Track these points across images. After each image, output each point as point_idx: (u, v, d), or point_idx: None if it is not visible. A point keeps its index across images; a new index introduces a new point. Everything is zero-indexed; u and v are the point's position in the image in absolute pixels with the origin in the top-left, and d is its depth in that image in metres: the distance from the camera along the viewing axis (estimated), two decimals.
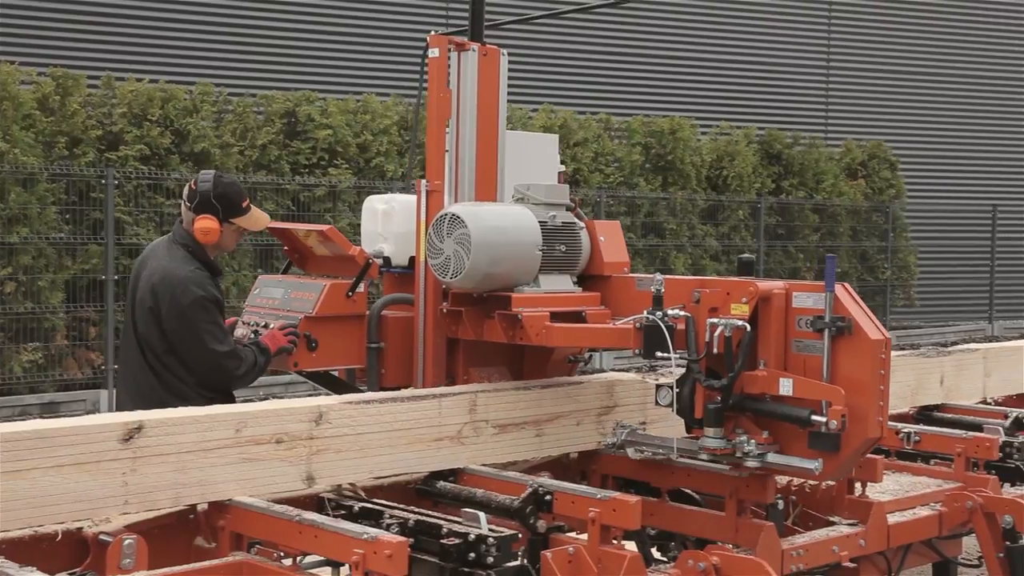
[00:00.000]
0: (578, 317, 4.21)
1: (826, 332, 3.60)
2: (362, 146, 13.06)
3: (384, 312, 4.59)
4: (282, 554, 3.26)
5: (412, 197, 4.58)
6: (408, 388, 4.23)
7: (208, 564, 3.20)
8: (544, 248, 4.12)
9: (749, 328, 3.64)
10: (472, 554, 3.10)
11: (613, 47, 17.38)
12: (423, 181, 4.43)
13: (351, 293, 4.53)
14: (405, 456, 3.76)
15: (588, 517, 3.44)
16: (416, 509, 3.45)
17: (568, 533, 3.57)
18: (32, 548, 3.05)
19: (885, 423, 3.61)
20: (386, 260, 4.82)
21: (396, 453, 3.73)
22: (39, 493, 2.98)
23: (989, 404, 5.91)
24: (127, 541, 3.04)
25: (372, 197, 5.08)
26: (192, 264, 4.44)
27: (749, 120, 17.78)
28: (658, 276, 3.84)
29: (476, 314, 4.25)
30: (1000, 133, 21.21)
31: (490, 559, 3.08)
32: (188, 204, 4.52)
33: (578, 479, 4.22)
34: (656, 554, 4.40)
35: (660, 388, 3.84)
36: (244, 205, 4.58)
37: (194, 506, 3.36)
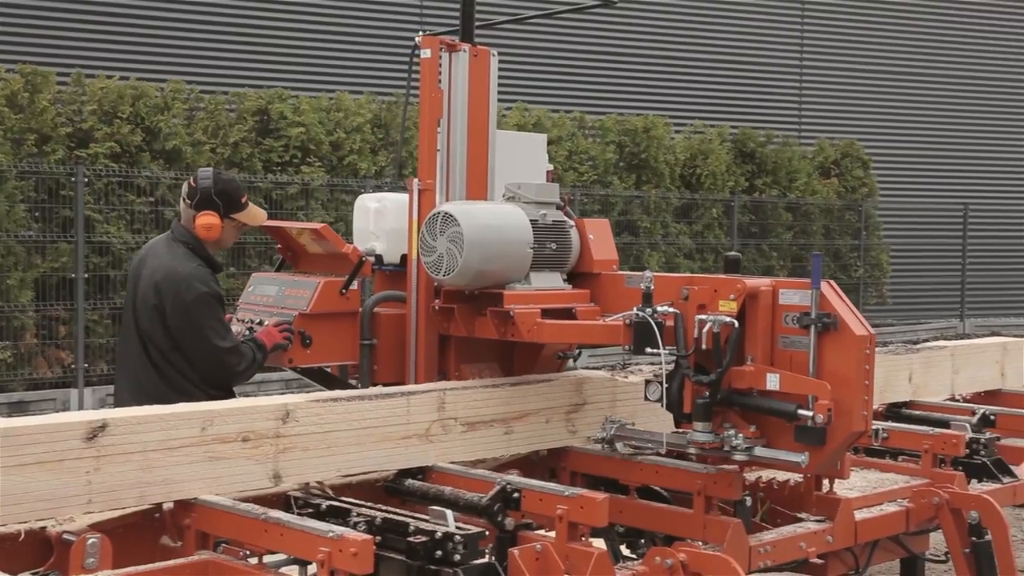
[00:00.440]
0: (568, 314, 4.30)
1: (812, 328, 3.68)
2: (335, 144, 13.02)
3: (376, 309, 4.66)
4: (248, 553, 3.25)
5: (404, 195, 4.65)
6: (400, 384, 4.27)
7: (173, 563, 3.18)
8: (535, 246, 4.22)
9: (737, 324, 3.71)
10: (439, 552, 3.10)
11: (586, 46, 17.39)
12: (415, 180, 4.50)
13: (345, 290, 4.60)
14: (373, 454, 3.75)
15: (556, 514, 3.45)
16: (384, 507, 3.44)
17: (537, 531, 3.57)
18: None
19: (870, 417, 3.70)
20: (378, 258, 4.89)
21: (364, 451, 3.73)
22: (1, 492, 2.95)
23: (957, 401, 5.96)
24: (91, 540, 3.02)
25: (364, 196, 5.15)
26: (194, 261, 4.52)
27: (723, 119, 17.83)
28: (647, 273, 3.92)
29: (468, 311, 4.33)
30: (972, 132, 21.36)
31: (457, 557, 3.08)
32: (188, 201, 4.60)
33: (547, 476, 4.23)
34: (626, 551, 4.41)
35: (649, 383, 3.92)
36: (243, 201, 4.69)
37: (159, 505, 3.35)
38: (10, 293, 10.68)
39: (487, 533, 3.29)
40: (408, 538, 3.14)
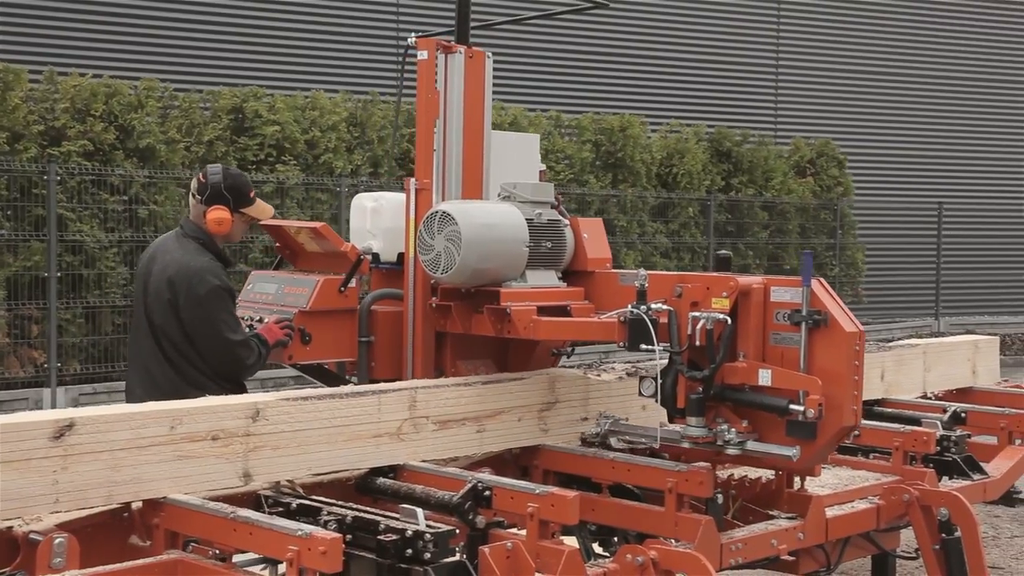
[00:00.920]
0: (563, 311, 4.39)
1: (803, 325, 3.78)
2: (310, 142, 12.97)
3: (374, 307, 4.71)
4: (217, 552, 3.23)
5: (400, 195, 4.72)
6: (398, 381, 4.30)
7: (142, 562, 3.16)
8: (531, 245, 4.32)
9: (729, 321, 3.81)
10: (409, 550, 3.09)
11: (563, 45, 17.40)
12: (412, 179, 4.56)
13: (343, 288, 4.66)
14: (344, 453, 3.74)
15: (526, 512, 3.46)
16: (354, 506, 3.44)
17: (508, 529, 3.57)
18: None
19: (859, 412, 3.80)
20: (375, 256, 4.94)
21: (335, 450, 3.72)
22: None
23: (929, 399, 6.00)
24: (58, 540, 3.00)
25: (361, 195, 5.20)
26: (206, 255, 4.58)
27: (699, 118, 17.87)
28: (641, 272, 4.02)
29: (464, 308, 4.41)
30: (946, 132, 21.48)
31: (427, 555, 3.08)
32: (198, 197, 4.65)
33: (519, 475, 4.23)
34: (598, 549, 4.41)
35: (643, 379, 4.01)
36: (252, 195, 4.75)
37: (128, 504, 3.33)
38: None
39: (457, 531, 3.29)
40: (378, 536, 3.14)
